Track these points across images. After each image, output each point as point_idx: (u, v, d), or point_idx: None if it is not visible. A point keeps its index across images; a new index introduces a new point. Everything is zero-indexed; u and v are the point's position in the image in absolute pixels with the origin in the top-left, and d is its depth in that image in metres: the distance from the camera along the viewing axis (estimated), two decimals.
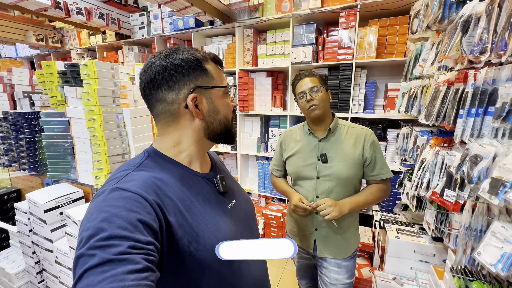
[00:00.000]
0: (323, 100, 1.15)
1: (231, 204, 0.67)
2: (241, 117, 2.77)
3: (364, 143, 1.15)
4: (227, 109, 0.64)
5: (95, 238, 0.39)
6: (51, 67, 1.32)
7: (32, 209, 1.14)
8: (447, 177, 0.91)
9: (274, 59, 2.48)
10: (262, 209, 2.68)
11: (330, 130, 1.18)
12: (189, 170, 0.61)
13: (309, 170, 1.19)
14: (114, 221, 0.41)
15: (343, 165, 1.14)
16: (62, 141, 1.27)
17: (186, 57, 0.58)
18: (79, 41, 3.63)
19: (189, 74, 0.58)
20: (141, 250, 0.40)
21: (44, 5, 2.13)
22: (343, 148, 1.16)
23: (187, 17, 2.65)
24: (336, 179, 1.14)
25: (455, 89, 0.91)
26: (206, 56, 0.61)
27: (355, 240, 1.25)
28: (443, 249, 1.34)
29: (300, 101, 1.19)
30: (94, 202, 0.47)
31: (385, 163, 1.19)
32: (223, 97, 0.63)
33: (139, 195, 0.47)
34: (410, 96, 1.53)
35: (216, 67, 0.63)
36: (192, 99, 0.57)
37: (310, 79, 1.16)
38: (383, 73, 2.39)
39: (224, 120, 0.63)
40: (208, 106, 0.60)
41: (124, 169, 0.55)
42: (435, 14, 1.13)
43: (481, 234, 0.78)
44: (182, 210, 0.53)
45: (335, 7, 2.11)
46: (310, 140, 1.22)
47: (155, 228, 0.45)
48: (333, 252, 1.21)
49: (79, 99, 1.15)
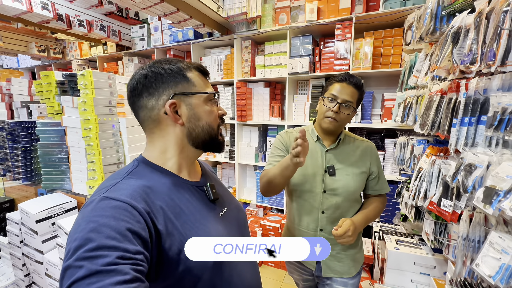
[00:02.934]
0: (346, 119, 1.05)
1: (222, 212, 0.67)
2: (239, 126, 2.77)
3: (371, 157, 1.10)
4: (210, 116, 0.63)
5: (82, 249, 0.38)
6: (49, 77, 1.34)
7: (24, 219, 1.12)
8: (443, 186, 0.91)
9: (272, 70, 2.52)
10: (260, 219, 2.64)
11: (341, 140, 1.10)
12: (178, 178, 0.61)
13: (314, 182, 1.07)
14: (102, 231, 0.41)
15: (351, 178, 1.06)
16: (57, 150, 1.27)
17: (167, 66, 0.60)
18: (80, 52, 3.69)
19: (169, 81, 0.59)
20: (130, 261, 0.40)
21: (47, 17, 2.17)
22: (350, 160, 1.08)
23: (186, 29, 2.71)
24: (344, 194, 1.05)
25: (448, 99, 0.92)
26: (189, 66, 0.62)
27: (360, 256, 1.17)
28: (444, 260, 1.31)
29: (325, 102, 1.05)
30: (82, 212, 0.46)
31: (384, 177, 1.16)
32: (205, 103, 0.62)
33: (128, 204, 0.47)
34: (406, 106, 1.55)
35: (200, 75, 0.63)
36: (170, 105, 0.58)
37: (353, 90, 1.03)
38: (379, 83, 2.42)
39: (207, 127, 0.63)
40: (188, 112, 0.60)
41: (113, 179, 0.55)
42: (427, 26, 1.16)
43: (479, 244, 0.76)
44: (171, 218, 0.53)
45: (331, 20, 2.16)
46: (317, 148, 1.11)
47: (144, 237, 0.45)
48: (339, 271, 1.10)
49: (75, 109, 1.16)
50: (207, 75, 0.67)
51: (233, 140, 2.83)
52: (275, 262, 2.45)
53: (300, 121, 2.52)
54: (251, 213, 2.89)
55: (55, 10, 2.24)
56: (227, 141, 2.88)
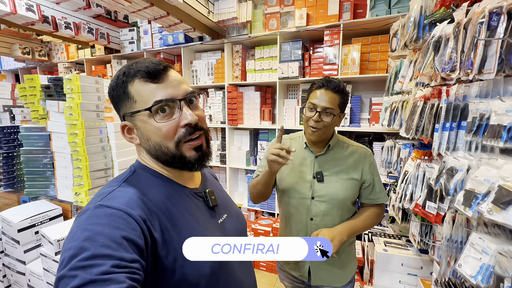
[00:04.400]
0: (330, 126, 1.00)
1: (221, 219, 0.66)
2: (230, 130, 2.77)
3: (364, 164, 1.05)
4: (157, 134, 0.54)
5: (77, 258, 0.38)
6: (34, 80, 1.30)
7: (4, 229, 1.07)
8: (428, 189, 0.94)
9: (263, 74, 2.54)
10: (251, 223, 2.64)
11: (330, 146, 1.07)
12: (175, 185, 0.60)
13: (303, 189, 1.06)
14: (97, 239, 0.40)
15: (340, 185, 1.03)
16: (41, 156, 1.23)
17: (111, 84, 0.57)
18: (67, 55, 3.61)
19: (118, 101, 0.56)
20: (125, 269, 0.39)
21: (31, 19, 2.12)
22: (341, 167, 1.05)
23: (176, 33, 2.70)
24: (333, 201, 1.03)
25: (431, 104, 0.95)
26: (130, 73, 0.54)
27: (352, 266, 1.14)
28: (430, 261, 1.35)
29: (306, 112, 1.02)
30: (77, 220, 0.45)
31: (382, 187, 1.09)
32: (148, 120, 0.53)
33: (124, 211, 0.46)
34: (392, 110, 1.59)
35: (142, 83, 0.53)
36: (121, 128, 0.57)
37: (331, 96, 0.98)
38: (367, 88, 2.49)
39: (159, 148, 0.55)
40: (138, 132, 0.57)
41: (109, 186, 0.54)
42: (411, 34, 1.20)
43: (461, 245, 0.79)
44: (168, 226, 0.52)
45: (320, 26, 2.21)
46: (306, 154, 1.10)
47: (140, 244, 0.44)
48: (327, 280, 1.09)
49: (61, 113, 1.13)
50: (157, 75, 0.53)
51: (224, 144, 2.82)
52: (267, 267, 2.45)
53: (291, 125, 2.54)
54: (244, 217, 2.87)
55: (41, 12, 2.19)
56: (218, 145, 2.87)
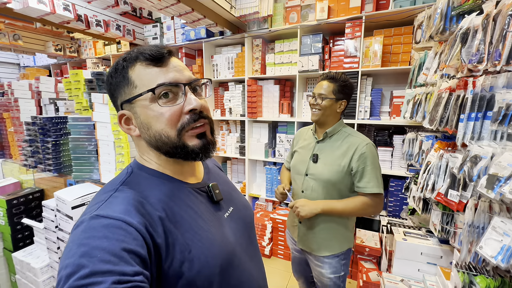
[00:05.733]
0: (325, 108, 1.22)
1: (227, 213, 0.63)
2: (249, 123, 2.85)
3: (354, 154, 1.18)
4: (158, 121, 0.50)
5: (74, 277, 0.35)
6: (78, 75, 1.43)
7: (59, 206, 1.22)
8: (450, 178, 0.97)
9: (282, 68, 2.58)
10: (269, 213, 2.73)
11: (327, 134, 1.27)
12: (176, 182, 0.56)
13: (301, 166, 1.31)
14: (95, 255, 0.37)
15: (327, 168, 1.22)
16: (87, 143, 1.37)
17: (110, 71, 0.53)
18: (95, 51, 3.81)
19: (117, 88, 0.52)
20: (128, 284, 0.36)
21: (68, 18, 2.28)
22: (333, 153, 1.24)
23: (198, 28, 2.79)
24: (318, 180, 1.24)
25: (456, 96, 0.97)
26: (130, 58, 0.51)
27: (335, 245, 1.27)
28: (450, 251, 1.37)
29: (310, 99, 1.29)
30: (73, 234, 0.42)
31: (374, 177, 1.17)
32: (150, 105, 0.50)
33: (122, 220, 0.42)
34: (415, 103, 1.60)
35: (144, 67, 0.50)
36: (119, 118, 0.53)
37: (328, 84, 1.22)
38: (388, 80, 2.46)
39: (159, 137, 0.51)
40: (137, 121, 0.52)
41: (106, 191, 0.50)
42: (437, 26, 1.20)
43: (483, 231, 0.83)
44: (171, 228, 0.48)
45: (341, 18, 2.21)
46: (311, 139, 1.34)
47: (142, 254, 0.41)
48: (310, 247, 1.31)
49: (105, 105, 1.25)
50: (160, 58, 0.50)
51: (243, 136, 2.91)
52: (285, 255, 2.54)
53: (309, 118, 2.57)
54: (260, 207, 2.97)
55: (75, 10, 2.35)
56: (237, 137, 2.96)
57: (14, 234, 1.54)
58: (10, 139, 1.96)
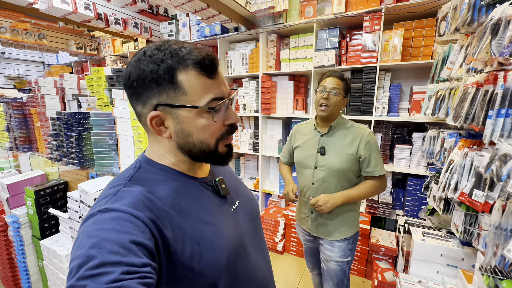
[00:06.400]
0: (336, 105, 1.29)
1: (234, 206, 0.64)
2: (263, 119, 2.85)
3: (360, 142, 1.29)
4: (203, 132, 0.52)
5: (85, 267, 0.36)
6: (99, 72, 1.49)
7: (83, 197, 1.28)
8: (476, 177, 0.92)
9: (297, 63, 2.55)
10: (282, 210, 2.73)
11: (332, 127, 1.35)
12: (184, 177, 0.57)
13: (309, 160, 1.37)
14: (104, 246, 0.38)
15: (336, 158, 1.30)
16: (107, 138, 1.42)
17: (150, 68, 0.47)
18: (113, 49, 3.93)
19: (152, 88, 0.48)
20: (136, 274, 0.37)
21: (89, 17, 2.36)
22: (339, 144, 1.32)
23: (213, 25, 2.80)
24: (329, 170, 1.31)
25: (484, 91, 0.92)
26: (185, 61, 0.48)
27: (347, 228, 1.37)
28: (472, 253, 1.32)
29: (318, 93, 1.32)
30: (83, 226, 0.43)
31: (379, 161, 1.31)
32: (198, 117, 0.50)
33: (130, 214, 0.44)
34: (437, 99, 1.53)
35: (198, 76, 0.48)
36: (151, 119, 0.50)
37: (337, 81, 1.29)
38: (408, 76, 2.37)
39: (199, 144, 0.52)
40: (175, 127, 0.51)
41: (114, 185, 0.51)
42: (464, 17, 1.14)
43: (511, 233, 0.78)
44: (179, 222, 0.49)
45: (359, 11, 2.14)
46: (315, 134, 1.40)
47: (150, 247, 0.42)
48: (324, 233, 1.39)
49: (125, 101, 1.29)
50: (214, 70, 0.50)
51: (257, 133, 2.91)
52: (297, 251, 2.53)
53: None
54: (273, 203, 2.98)
55: (96, 9, 2.42)
56: (250, 133, 2.97)
57: (42, 223, 1.63)
58: (37, 133, 2.07)
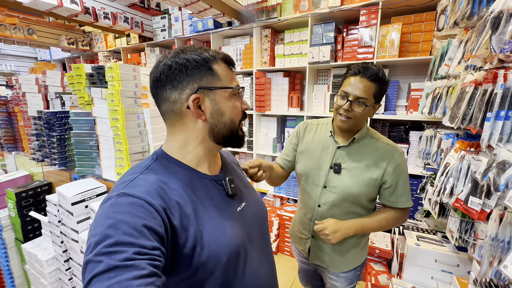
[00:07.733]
0: (361, 117, 0.96)
1: (240, 207, 0.66)
2: (258, 117, 2.78)
3: (388, 165, 0.99)
4: (233, 111, 0.61)
5: (102, 245, 0.40)
6: (79, 69, 1.41)
7: (61, 202, 1.22)
8: (472, 183, 0.86)
9: (292, 59, 2.47)
10: (277, 209, 2.68)
11: (355, 139, 1.03)
12: (196, 173, 0.61)
13: (317, 176, 1.07)
14: (120, 227, 0.42)
15: (355, 181, 1.00)
16: (88, 138, 1.35)
17: (192, 57, 0.57)
18: (106, 44, 3.84)
19: (193, 74, 0.56)
20: (146, 256, 0.41)
21: (75, 11, 2.27)
22: (362, 163, 1.01)
23: (206, 19, 2.71)
24: (343, 194, 1.02)
25: (483, 90, 0.85)
26: (215, 56, 0.59)
27: (355, 259, 1.14)
28: (468, 259, 1.26)
29: (338, 99, 0.99)
30: (102, 207, 0.48)
31: (406, 190, 1.03)
32: (230, 98, 0.61)
33: (144, 200, 0.48)
34: (435, 97, 1.46)
35: (226, 68, 0.61)
36: (193, 100, 0.56)
37: (367, 84, 0.93)
38: (406, 72, 2.29)
39: (229, 123, 0.61)
40: (212, 107, 0.59)
41: (132, 173, 0.56)
42: (463, 10, 1.06)
43: (509, 246, 0.73)
44: (187, 214, 0.53)
45: (356, 5, 2.05)
46: (330, 143, 1.08)
47: (160, 232, 0.46)
48: (326, 263, 1.13)
49: (104, 100, 1.22)
50: (233, 66, 0.64)
51: (251, 131, 2.85)
52: (291, 252, 2.49)
53: (320, 112, 2.47)
54: (268, 202, 2.93)
55: (83, 3, 2.33)
56: (245, 132, 2.90)
57: (24, 226, 1.58)
58: (22, 132, 2.00)
